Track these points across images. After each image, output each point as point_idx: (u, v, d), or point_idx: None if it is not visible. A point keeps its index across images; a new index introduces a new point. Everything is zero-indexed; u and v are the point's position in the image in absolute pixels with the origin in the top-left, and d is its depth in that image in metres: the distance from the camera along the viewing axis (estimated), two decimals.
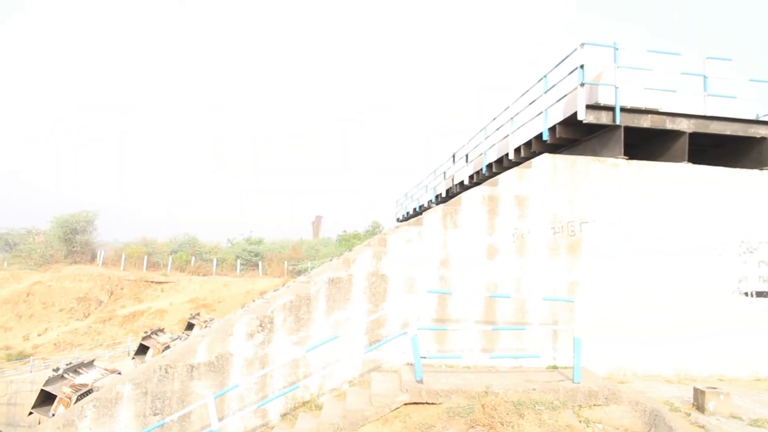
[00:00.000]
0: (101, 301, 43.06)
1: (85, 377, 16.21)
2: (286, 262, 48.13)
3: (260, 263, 48.67)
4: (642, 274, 9.93)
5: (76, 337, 38.33)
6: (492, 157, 14.67)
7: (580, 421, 7.32)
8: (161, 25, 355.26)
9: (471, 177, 16.85)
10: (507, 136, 13.43)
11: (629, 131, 10.14)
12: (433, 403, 7.85)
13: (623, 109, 9.95)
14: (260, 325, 9.06)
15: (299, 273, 43.00)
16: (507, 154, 13.39)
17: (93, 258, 51.13)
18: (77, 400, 13.92)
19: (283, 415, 9.07)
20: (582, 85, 9.75)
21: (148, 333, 23.36)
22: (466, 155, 17.75)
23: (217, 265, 48.19)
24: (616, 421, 7.45)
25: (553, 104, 10.84)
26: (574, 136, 10.90)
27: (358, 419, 7.76)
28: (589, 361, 9.44)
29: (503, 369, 9.38)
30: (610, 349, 9.73)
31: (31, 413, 14.97)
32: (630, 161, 10.07)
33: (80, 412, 8.79)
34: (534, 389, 7.89)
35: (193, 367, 8.81)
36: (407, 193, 29.26)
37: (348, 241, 54.16)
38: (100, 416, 8.77)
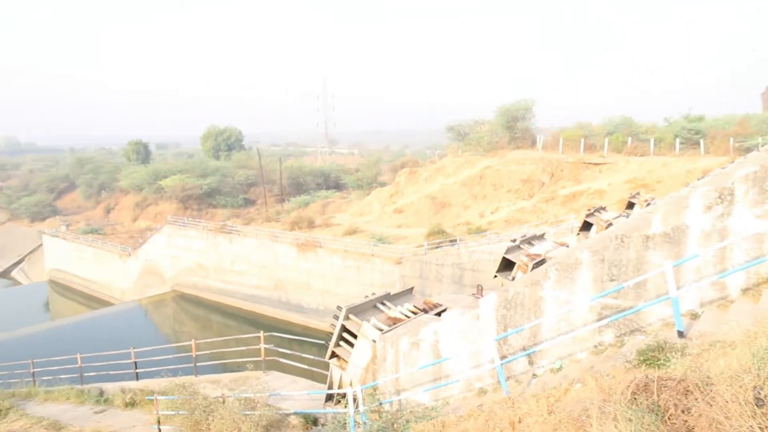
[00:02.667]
0: (543, 183, 45.76)
1: (538, 248, 17.79)
2: (731, 139, 43.90)
3: (701, 141, 45.35)
4: None
5: (522, 215, 41.77)
6: None
7: None
8: None
9: None
10: None
11: None
12: None
13: None
14: (719, 197, 8.77)
15: (747, 150, 38.88)
16: None
17: (533, 143, 54.17)
18: (533, 267, 15.39)
19: (744, 290, 8.77)
20: None
21: (591, 211, 24.17)
22: None
23: (654, 144, 46.50)
24: None
25: None
26: None
27: None
28: None
29: None
30: None
31: (495, 276, 17.16)
32: None
33: (545, 274, 9.90)
34: None
35: (648, 237, 9.06)
36: None
37: None
38: (561, 278, 9.74)
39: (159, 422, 13.37)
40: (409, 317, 12.32)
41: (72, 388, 19.38)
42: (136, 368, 19.77)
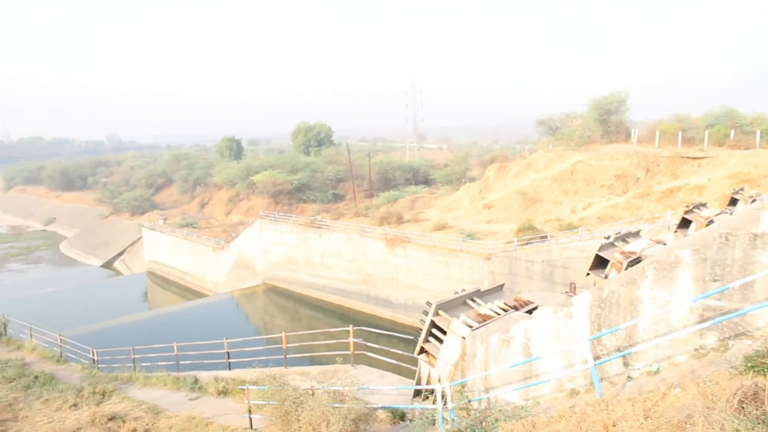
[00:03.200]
0: (638, 178, 44.14)
1: (633, 246, 17.16)
2: None
3: None
4: None
5: (616, 211, 40.44)
6: None
7: None
8: None
9: None
10: None
11: None
12: None
13: None
14: None
15: None
16: None
17: (627, 137, 52.29)
18: (627, 266, 14.88)
19: None
20: None
21: (690, 207, 23.11)
22: None
23: (761, 137, 43.95)
24: None
25: None
26: None
27: None
28: None
29: None
30: None
31: (588, 274, 16.67)
32: None
33: (642, 273, 9.53)
34: None
35: (756, 236, 8.56)
36: None
37: None
38: (659, 277, 9.35)
39: (250, 411, 13.78)
40: (499, 314, 12.16)
41: (169, 374, 20.27)
42: (228, 358, 20.46)
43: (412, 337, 13.74)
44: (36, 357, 23.58)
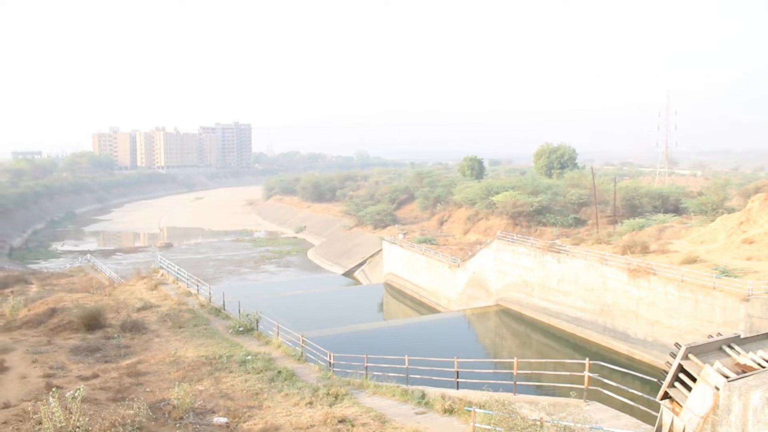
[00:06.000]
0: None
1: None
2: None
3: None
4: None
5: None
6: None
7: None
8: None
9: None
10: None
11: None
12: None
13: None
14: None
15: None
16: None
17: None
18: None
19: None
20: None
21: None
22: None
23: None
24: None
25: None
26: None
27: None
28: None
29: None
30: None
31: None
32: None
33: None
34: None
35: None
36: None
37: None
38: None
39: None
40: (764, 367, 10.59)
41: (398, 386, 20.76)
42: (457, 377, 20.42)
43: (652, 378, 12.54)
44: (280, 353, 25.61)
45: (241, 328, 29.11)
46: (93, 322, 29.17)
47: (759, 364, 10.75)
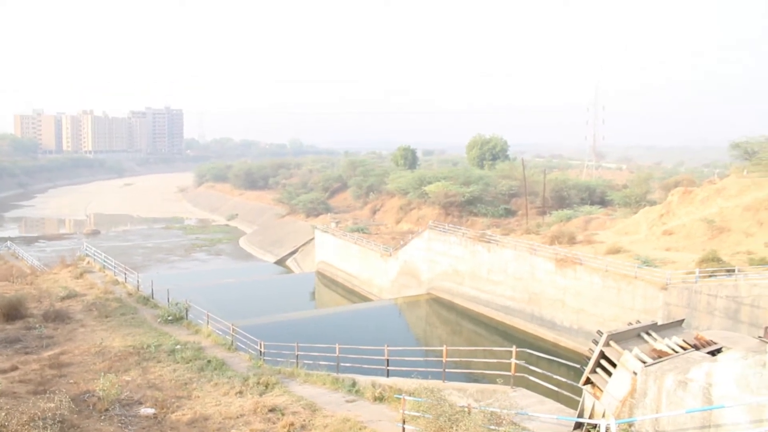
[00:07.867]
0: None
1: None
2: None
3: None
4: None
5: None
6: None
7: None
8: None
9: None
10: None
11: None
12: None
13: None
14: None
15: None
16: None
17: None
18: None
19: None
20: None
21: None
22: None
23: None
24: None
25: None
26: None
27: None
28: None
29: None
30: None
31: None
32: None
33: None
34: None
35: None
36: None
37: None
38: None
39: (404, 421, 13.76)
40: (677, 352, 11.20)
41: (329, 374, 20.85)
42: (387, 365, 20.69)
43: (576, 365, 13.05)
44: (210, 342, 25.27)
45: (170, 318, 28.51)
46: (13, 311, 27.94)
47: (673, 350, 11.35)
